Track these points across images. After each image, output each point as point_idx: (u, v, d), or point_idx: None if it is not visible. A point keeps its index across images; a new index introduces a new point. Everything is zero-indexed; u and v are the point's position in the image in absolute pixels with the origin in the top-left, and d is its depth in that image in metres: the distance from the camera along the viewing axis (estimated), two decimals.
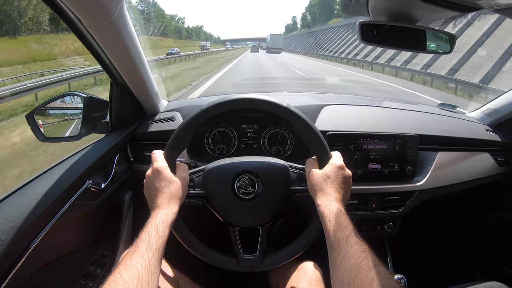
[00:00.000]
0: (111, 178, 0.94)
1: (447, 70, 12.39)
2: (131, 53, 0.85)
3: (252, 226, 0.77)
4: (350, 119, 1.10)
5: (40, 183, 0.75)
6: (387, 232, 1.13)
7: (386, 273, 0.52)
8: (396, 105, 1.30)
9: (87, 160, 0.87)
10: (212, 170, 0.77)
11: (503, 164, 1.20)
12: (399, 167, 1.05)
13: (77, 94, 0.98)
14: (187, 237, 0.75)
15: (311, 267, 0.86)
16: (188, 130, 0.75)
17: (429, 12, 0.77)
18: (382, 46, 0.85)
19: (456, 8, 0.68)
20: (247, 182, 0.76)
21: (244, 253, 0.76)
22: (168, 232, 0.63)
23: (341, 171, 0.71)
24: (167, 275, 0.81)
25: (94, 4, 0.63)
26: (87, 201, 0.84)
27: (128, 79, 0.95)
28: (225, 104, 0.76)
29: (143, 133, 1.07)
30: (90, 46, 0.80)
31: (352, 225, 0.61)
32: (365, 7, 0.82)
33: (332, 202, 0.66)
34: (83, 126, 0.96)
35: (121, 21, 0.73)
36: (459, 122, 1.25)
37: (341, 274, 0.55)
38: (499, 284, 0.79)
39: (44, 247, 0.69)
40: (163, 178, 0.69)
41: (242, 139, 1.07)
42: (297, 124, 0.76)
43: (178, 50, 34.32)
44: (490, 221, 1.37)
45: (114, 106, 1.01)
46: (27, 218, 0.66)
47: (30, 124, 0.92)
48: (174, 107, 1.15)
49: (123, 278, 0.50)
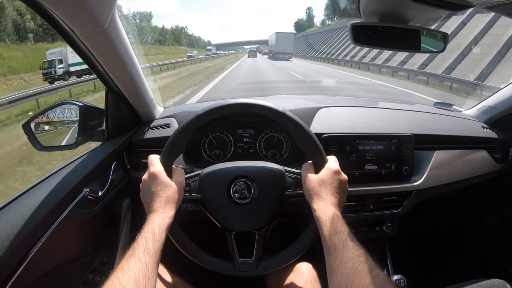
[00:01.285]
0: (108, 186, 0.94)
1: (442, 69, 12.41)
2: (125, 61, 0.85)
3: (248, 230, 0.77)
4: (345, 121, 1.10)
5: (37, 192, 0.75)
6: (386, 233, 1.13)
7: (383, 277, 0.52)
8: (391, 106, 1.30)
9: (84, 168, 0.87)
10: (208, 174, 0.78)
11: (501, 161, 1.20)
12: (396, 167, 1.05)
13: (73, 102, 0.99)
14: (184, 241, 0.75)
15: (307, 268, 0.86)
16: (184, 135, 0.75)
17: (420, 12, 0.77)
18: (375, 47, 0.86)
19: (447, 7, 0.68)
20: (243, 186, 0.76)
21: (240, 258, 0.76)
22: (165, 236, 0.63)
23: (337, 176, 0.72)
24: (164, 280, 0.81)
25: (86, 14, 0.63)
26: (84, 209, 0.84)
27: (123, 87, 0.95)
28: (220, 109, 0.76)
29: (139, 140, 1.08)
30: (83, 55, 0.80)
31: (348, 229, 0.62)
32: (357, 8, 0.82)
33: (328, 206, 0.66)
34: (79, 134, 0.97)
35: (113, 29, 0.74)
36: (455, 120, 1.25)
37: (338, 279, 0.55)
38: (501, 281, 0.78)
39: (43, 256, 0.69)
40: (159, 182, 0.69)
41: (238, 144, 1.07)
42: (292, 128, 0.76)
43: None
44: (489, 218, 1.36)
45: (110, 114, 1.02)
46: (25, 226, 0.66)
47: (27, 133, 0.93)
48: (170, 114, 1.15)
49: (120, 282, 0.50)
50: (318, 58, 33.14)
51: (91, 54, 0.79)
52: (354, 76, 14.82)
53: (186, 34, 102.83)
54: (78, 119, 0.97)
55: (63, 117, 1.00)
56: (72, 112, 0.99)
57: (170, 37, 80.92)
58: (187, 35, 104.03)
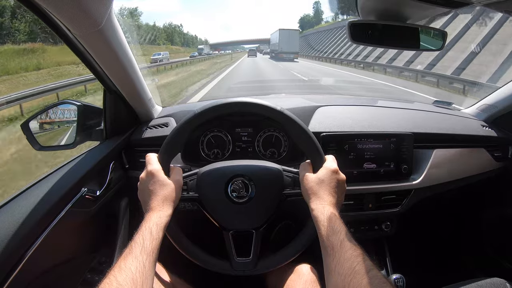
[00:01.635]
0: (107, 185, 0.94)
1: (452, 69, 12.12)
2: (122, 61, 0.85)
3: (245, 229, 0.77)
4: (344, 119, 1.09)
5: (35, 191, 0.75)
6: (385, 232, 1.13)
7: (381, 277, 0.52)
8: (390, 104, 1.30)
9: (82, 167, 0.87)
10: (206, 173, 0.78)
11: (500, 159, 1.19)
12: (395, 166, 1.04)
13: (71, 102, 0.99)
14: (181, 240, 0.75)
15: (306, 269, 0.86)
16: (182, 133, 0.75)
17: (418, 10, 0.77)
18: (373, 45, 0.86)
19: (445, 4, 0.68)
20: (241, 185, 0.76)
21: (238, 257, 0.76)
22: (162, 235, 0.63)
23: (335, 175, 0.72)
24: (161, 279, 0.81)
25: (82, 14, 0.63)
26: (82, 209, 0.84)
27: (121, 87, 0.95)
28: (218, 107, 0.76)
29: (137, 140, 1.08)
30: (81, 55, 0.80)
31: (346, 229, 0.61)
32: (355, 6, 0.82)
33: (326, 206, 0.66)
34: (78, 134, 0.97)
35: (110, 29, 0.74)
36: (454, 118, 1.25)
37: (336, 279, 0.55)
38: (501, 280, 0.78)
39: (41, 255, 0.69)
40: (157, 180, 0.69)
41: (236, 143, 1.07)
42: (291, 128, 0.76)
43: None
44: (489, 217, 1.36)
45: (108, 113, 1.02)
46: (23, 226, 0.66)
47: (26, 133, 0.93)
48: (168, 113, 1.15)
49: (117, 280, 0.51)
50: (325, 59, 28.40)
51: (88, 54, 0.79)
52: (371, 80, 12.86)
53: (181, 33, 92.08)
54: (76, 119, 0.97)
55: (61, 117, 1.00)
56: (71, 111, 0.99)
57: (161, 36, 74.65)
58: (181, 34, 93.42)
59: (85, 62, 0.84)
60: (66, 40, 0.74)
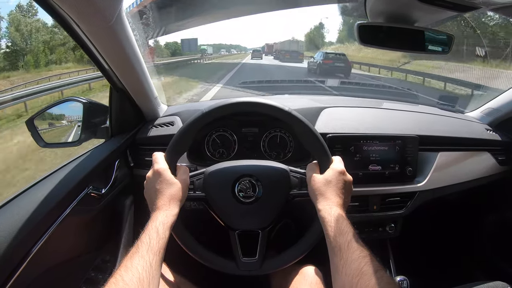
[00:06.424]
0: (112, 183, 0.94)
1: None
2: (130, 59, 0.85)
3: (252, 229, 0.77)
4: (349, 121, 1.09)
5: (40, 188, 0.75)
6: (389, 234, 1.13)
7: (388, 278, 0.52)
8: (395, 106, 1.30)
9: (87, 165, 0.87)
10: (213, 173, 0.77)
11: (504, 164, 1.19)
12: (400, 168, 1.04)
13: (77, 99, 0.98)
14: (187, 240, 0.75)
15: (312, 271, 0.85)
16: (189, 133, 0.75)
17: (426, 13, 0.77)
18: (381, 47, 0.86)
19: (453, 8, 0.68)
20: (248, 185, 0.76)
21: (244, 257, 0.76)
22: (169, 234, 0.63)
23: (342, 176, 0.72)
24: (167, 279, 0.81)
25: (92, 9, 0.63)
26: (87, 207, 0.84)
27: (127, 85, 0.95)
28: (226, 107, 0.76)
29: (143, 138, 1.07)
30: (89, 52, 0.80)
31: (353, 230, 0.62)
32: (363, 9, 0.82)
33: (333, 207, 0.66)
34: (83, 131, 0.97)
35: (119, 26, 0.74)
36: (459, 122, 1.25)
37: (343, 279, 0.55)
38: (503, 284, 0.78)
39: (45, 253, 0.69)
40: (164, 179, 0.69)
41: (242, 143, 1.07)
42: (298, 128, 0.76)
43: None
44: (493, 220, 1.36)
45: (114, 111, 1.01)
46: (27, 223, 0.66)
47: (30, 130, 0.93)
48: (174, 112, 1.15)
49: (124, 280, 0.50)
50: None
51: (96, 50, 0.79)
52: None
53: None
54: (82, 116, 0.97)
55: (67, 114, 1.00)
56: (76, 109, 0.98)
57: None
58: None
59: (93, 59, 0.84)
60: (73, 35, 0.73)
